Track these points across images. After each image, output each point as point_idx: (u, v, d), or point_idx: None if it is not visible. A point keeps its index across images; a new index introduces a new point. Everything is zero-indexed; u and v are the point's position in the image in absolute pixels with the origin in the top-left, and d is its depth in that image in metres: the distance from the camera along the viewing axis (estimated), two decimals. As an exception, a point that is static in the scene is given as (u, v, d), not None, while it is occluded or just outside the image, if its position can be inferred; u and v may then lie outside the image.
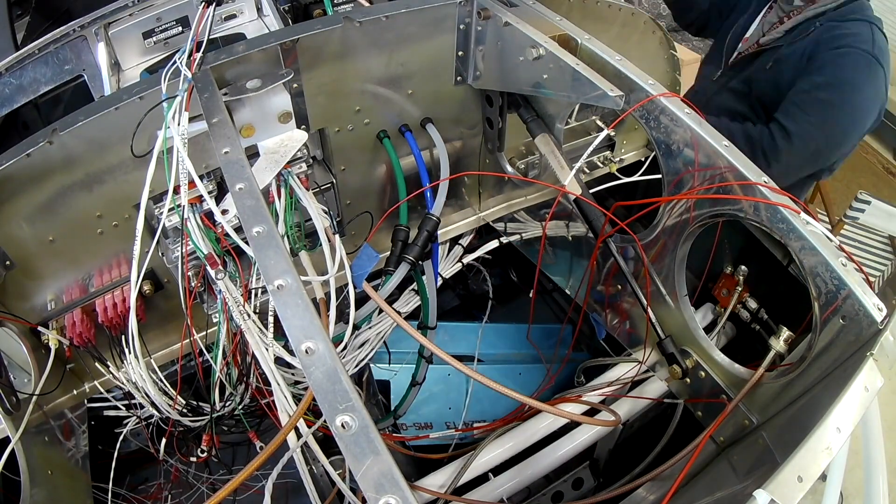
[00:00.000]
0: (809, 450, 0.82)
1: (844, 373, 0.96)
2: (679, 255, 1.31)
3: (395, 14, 1.27)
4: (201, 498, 1.85)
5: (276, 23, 1.68)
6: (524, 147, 1.66)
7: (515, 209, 1.80)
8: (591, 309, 1.69)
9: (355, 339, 1.57)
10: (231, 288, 1.04)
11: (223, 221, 1.04)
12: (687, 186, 1.23)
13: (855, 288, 0.97)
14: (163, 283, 1.34)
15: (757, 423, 1.21)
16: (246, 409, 1.40)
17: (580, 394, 1.44)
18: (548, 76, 1.25)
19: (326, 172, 1.45)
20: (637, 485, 1.30)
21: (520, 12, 1.32)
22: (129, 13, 1.59)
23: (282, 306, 0.78)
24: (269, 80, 1.12)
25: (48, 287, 1.23)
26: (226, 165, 0.97)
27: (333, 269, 1.17)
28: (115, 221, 1.20)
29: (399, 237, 1.33)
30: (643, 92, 1.21)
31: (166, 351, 1.44)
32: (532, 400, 1.10)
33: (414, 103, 1.43)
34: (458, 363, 1.09)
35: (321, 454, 1.08)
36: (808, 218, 1.04)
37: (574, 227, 1.66)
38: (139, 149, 1.09)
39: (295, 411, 0.81)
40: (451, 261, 1.80)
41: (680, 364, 1.31)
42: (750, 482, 1.00)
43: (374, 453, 0.64)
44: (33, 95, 1.60)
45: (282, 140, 1.19)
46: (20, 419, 1.15)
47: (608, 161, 1.83)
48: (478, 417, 2.12)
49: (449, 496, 1.25)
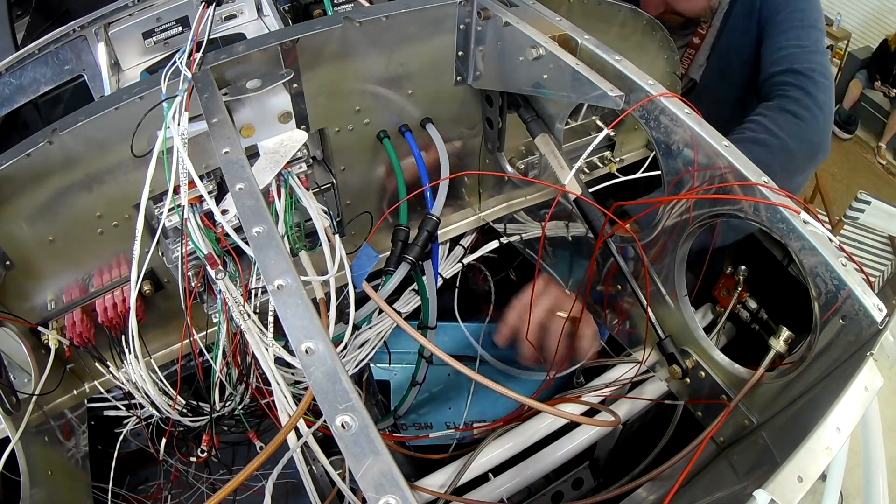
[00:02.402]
0: (809, 450, 0.82)
1: (844, 373, 0.96)
2: (679, 255, 1.31)
3: (395, 14, 1.27)
4: (201, 498, 1.85)
5: (276, 23, 1.68)
6: (524, 147, 1.66)
7: (515, 209, 1.80)
8: (590, 309, 1.69)
9: (355, 339, 1.57)
10: (231, 288, 1.04)
11: (223, 221, 1.04)
12: (687, 186, 1.23)
13: (855, 288, 0.97)
14: (163, 283, 1.34)
15: (757, 423, 1.21)
16: (246, 409, 1.40)
17: (580, 394, 1.44)
18: (548, 76, 1.25)
19: (326, 172, 1.45)
20: (637, 485, 1.30)
21: (520, 12, 1.32)
22: (129, 13, 1.59)
23: (282, 306, 0.78)
24: (269, 80, 1.12)
25: (48, 287, 1.23)
26: (226, 165, 0.97)
27: (333, 269, 1.17)
28: (115, 221, 1.20)
29: (399, 237, 1.33)
30: (643, 92, 1.21)
31: (166, 351, 1.44)
32: (531, 400, 1.10)
33: (414, 103, 1.43)
34: (458, 363, 1.09)
35: (321, 454, 1.08)
36: (808, 218, 1.04)
37: (574, 228, 1.66)
38: (139, 149, 1.09)
39: (295, 411, 0.81)
40: (451, 261, 1.80)
41: (680, 364, 1.31)
42: (750, 482, 1.00)
43: (374, 453, 0.64)
44: (33, 95, 1.60)
45: (282, 140, 1.19)
46: (20, 419, 1.15)
47: (608, 161, 1.83)
48: (478, 417, 2.11)
49: (449, 496, 1.25)
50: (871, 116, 5.75)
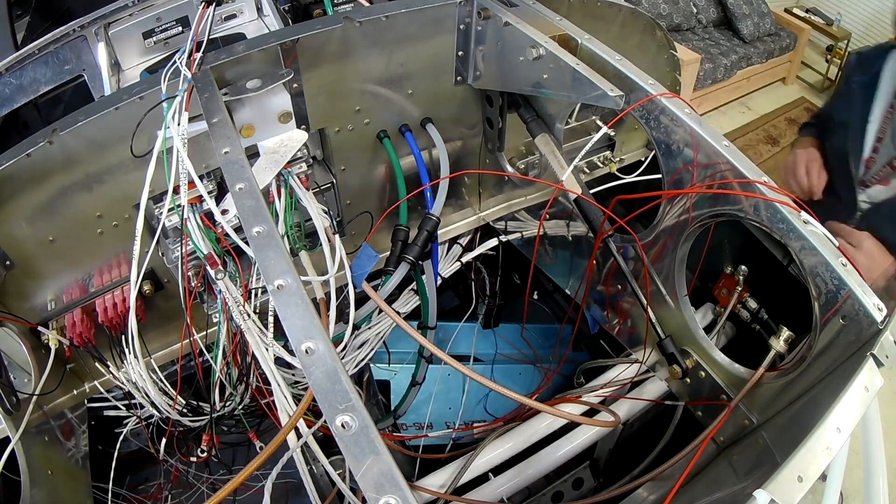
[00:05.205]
0: (809, 450, 0.82)
1: (844, 373, 0.96)
2: (679, 255, 1.31)
3: (395, 14, 1.27)
4: (201, 498, 1.85)
5: (276, 23, 1.68)
6: (524, 147, 1.66)
7: (516, 209, 1.80)
8: (590, 309, 1.69)
9: (355, 339, 1.57)
10: (231, 288, 1.04)
11: (223, 221, 1.04)
12: (686, 185, 1.23)
13: (855, 288, 0.97)
14: (163, 283, 1.34)
15: (757, 423, 1.21)
16: (246, 409, 1.40)
17: (580, 394, 1.43)
18: (548, 76, 1.25)
19: (326, 172, 1.45)
20: (637, 485, 1.30)
21: (520, 12, 1.32)
22: (129, 13, 1.59)
23: (282, 306, 0.78)
24: (269, 80, 1.12)
25: (48, 287, 1.23)
26: (226, 165, 0.97)
27: (333, 269, 1.17)
28: (115, 221, 1.20)
29: (399, 237, 1.33)
30: (643, 92, 1.21)
31: (166, 351, 1.44)
32: (531, 401, 1.10)
33: (414, 103, 1.43)
34: (458, 363, 1.09)
35: (321, 454, 1.08)
36: (808, 218, 1.04)
37: (574, 227, 1.66)
38: (139, 149, 1.09)
39: (295, 411, 0.81)
40: (450, 260, 1.81)
41: (680, 364, 1.31)
42: (750, 482, 0.99)
43: (374, 453, 0.64)
44: (33, 95, 1.60)
45: (282, 140, 1.19)
46: (20, 419, 1.15)
47: (608, 161, 1.83)
48: (478, 417, 2.12)
49: (449, 496, 1.25)
50: (872, 116, 5.79)
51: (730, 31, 6.03)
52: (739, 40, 5.91)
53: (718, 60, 5.46)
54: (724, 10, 6.02)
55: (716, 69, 5.42)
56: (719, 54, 5.55)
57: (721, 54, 5.56)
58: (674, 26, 5.71)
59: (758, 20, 5.99)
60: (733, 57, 5.58)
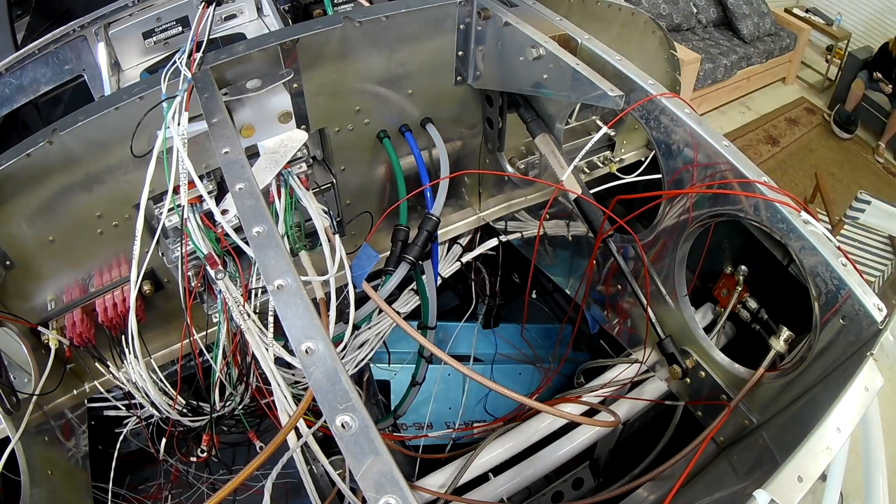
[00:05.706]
0: (809, 450, 0.82)
1: (844, 373, 0.96)
2: (679, 255, 1.31)
3: (395, 14, 1.27)
4: (201, 498, 1.85)
5: (276, 23, 1.68)
6: (524, 147, 1.66)
7: (515, 209, 1.80)
8: (590, 309, 1.69)
9: (355, 339, 1.57)
10: (231, 288, 1.04)
11: (223, 221, 1.04)
12: (686, 185, 1.23)
13: (855, 288, 0.97)
14: (163, 283, 1.34)
15: (757, 423, 1.21)
16: (246, 409, 1.40)
17: (580, 394, 1.43)
18: (548, 76, 1.25)
19: (326, 172, 1.45)
20: (637, 485, 1.30)
21: (520, 12, 1.32)
22: (129, 13, 1.59)
23: (282, 306, 0.78)
24: (269, 80, 1.12)
25: (48, 287, 1.23)
26: (226, 165, 0.97)
27: (333, 269, 1.17)
28: (115, 221, 1.20)
29: (399, 237, 1.33)
30: (643, 92, 1.21)
31: (166, 351, 1.44)
32: (531, 401, 1.10)
33: (414, 103, 1.43)
34: (458, 363, 1.09)
35: (321, 454, 1.08)
36: (808, 217, 1.04)
37: (574, 227, 1.66)
38: (139, 149, 1.09)
39: (295, 411, 0.81)
40: (450, 260, 1.80)
41: (680, 364, 1.31)
42: (750, 482, 0.99)
43: (374, 453, 0.64)
44: (33, 95, 1.60)
45: (282, 140, 1.19)
46: (20, 419, 1.15)
47: (608, 161, 1.83)
48: (478, 417, 2.12)
49: (449, 496, 1.25)
50: (872, 116, 5.76)
51: (730, 31, 6.04)
52: (739, 40, 5.92)
53: (718, 60, 5.46)
54: (724, 10, 6.03)
55: (716, 69, 5.43)
56: (719, 54, 5.55)
57: (721, 54, 5.56)
58: (674, 26, 5.71)
59: (758, 20, 6.00)
60: (733, 57, 5.59)
